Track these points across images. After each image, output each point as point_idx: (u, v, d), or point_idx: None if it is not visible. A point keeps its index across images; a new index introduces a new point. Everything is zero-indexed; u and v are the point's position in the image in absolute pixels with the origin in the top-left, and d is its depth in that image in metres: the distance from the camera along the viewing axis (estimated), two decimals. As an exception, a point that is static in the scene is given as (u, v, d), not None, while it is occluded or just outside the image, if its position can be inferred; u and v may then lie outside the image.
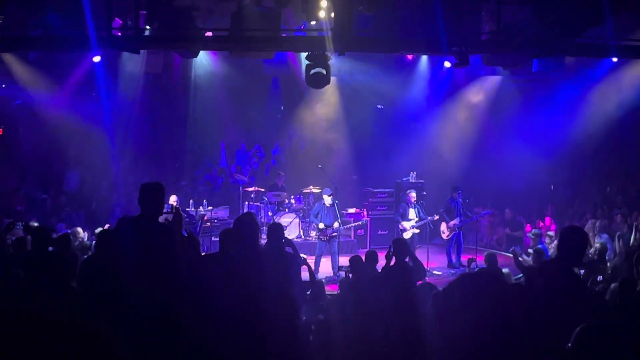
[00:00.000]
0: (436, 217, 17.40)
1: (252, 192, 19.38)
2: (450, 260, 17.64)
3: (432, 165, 21.49)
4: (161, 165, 21.26)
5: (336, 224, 16.15)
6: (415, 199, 17.42)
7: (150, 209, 6.45)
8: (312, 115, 22.60)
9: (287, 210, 19.08)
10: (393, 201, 20.34)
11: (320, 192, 19.19)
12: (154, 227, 6.43)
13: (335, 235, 16.15)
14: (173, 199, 16.07)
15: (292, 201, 19.49)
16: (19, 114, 19.43)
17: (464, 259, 16.79)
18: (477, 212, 18.13)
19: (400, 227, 17.21)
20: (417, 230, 17.24)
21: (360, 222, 17.66)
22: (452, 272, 16.35)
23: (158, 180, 6.69)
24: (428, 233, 17.44)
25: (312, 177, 20.27)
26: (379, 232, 19.55)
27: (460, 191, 17.68)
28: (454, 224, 17.42)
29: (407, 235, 16.92)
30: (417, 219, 17.18)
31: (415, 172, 20.50)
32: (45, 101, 19.10)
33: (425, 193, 19.87)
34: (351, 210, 19.99)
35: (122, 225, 6.65)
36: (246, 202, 19.41)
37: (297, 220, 18.80)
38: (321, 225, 16.11)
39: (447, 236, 17.57)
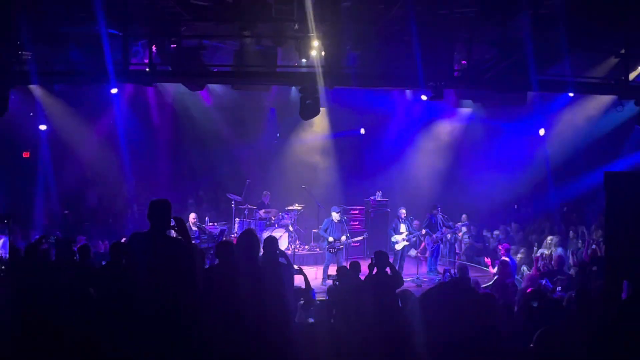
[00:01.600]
0: (423, 232, 17.82)
1: (245, 209, 19.35)
2: (430, 268, 17.99)
3: (410, 186, 21.63)
4: (170, 184, 21.24)
5: (344, 238, 16.57)
6: (405, 214, 17.72)
7: (159, 223, 6.42)
8: (303, 140, 22.73)
9: (276, 225, 19.10)
10: (364, 217, 20.49)
11: (301, 209, 19.75)
12: (162, 240, 6.42)
13: (342, 248, 16.53)
14: (192, 217, 16.64)
15: (284, 216, 19.56)
16: (44, 139, 19.41)
17: (439, 269, 17.37)
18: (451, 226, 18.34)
19: (392, 239, 17.41)
20: (408, 242, 17.52)
21: (363, 237, 17.95)
22: (438, 278, 16.28)
23: (166, 198, 6.65)
24: (418, 244, 18.20)
25: (296, 195, 20.52)
26: (352, 245, 19.58)
27: (439, 208, 18.05)
28: (437, 237, 17.79)
29: (399, 246, 17.31)
30: (407, 232, 17.43)
31: (380, 192, 20.90)
32: (68, 128, 19.13)
33: (389, 210, 20.10)
34: None
35: (134, 240, 6.64)
36: (237, 219, 19.36)
37: (286, 234, 18.84)
38: (330, 239, 16.47)
39: (432, 247, 17.91)
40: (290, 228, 19.31)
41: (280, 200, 20.72)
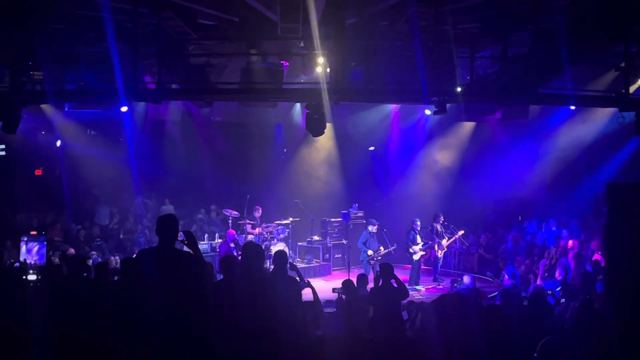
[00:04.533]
0: (441, 241, 18.35)
1: (244, 224, 19.31)
2: (435, 276, 18.43)
3: (416, 198, 21.63)
4: (180, 200, 21.30)
5: (382, 249, 17.25)
6: (420, 226, 18.07)
7: (166, 237, 6.49)
8: (309, 156, 22.87)
9: (275, 240, 19.14)
10: (343, 228, 20.81)
11: (289, 222, 19.92)
12: (170, 254, 6.47)
13: (379, 259, 16.78)
14: (231, 233, 17.27)
15: (287, 230, 19.63)
16: (57, 156, 19.50)
17: (447, 279, 17.81)
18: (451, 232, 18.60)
19: (411, 250, 17.76)
20: (424, 252, 18.05)
21: (394, 247, 17.95)
22: (456, 285, 16.26)
23: (177, 213, 6.73)
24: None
25: (290, 208, 20.98)
26: (336, 256, 20.15)
27: (441, 217, 18.58)
28: (445, 245, 18.38)
29: (416, 257, 17.78)
30: (422, 243, 17.85)
31: (357, 204, 21.31)
32: (79, 145, 19.23)
33: (364, 222, 20.31)
34: (317, 238, 20.54)
35: (142, 257, 6.75)
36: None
37: (286, 248, 18.88)
38: (370, 252, 17.09)
39: (440, 255, 18.41)
40: (287, 249, 19.34)
41: (278, 213, 20.83)
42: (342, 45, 11.75)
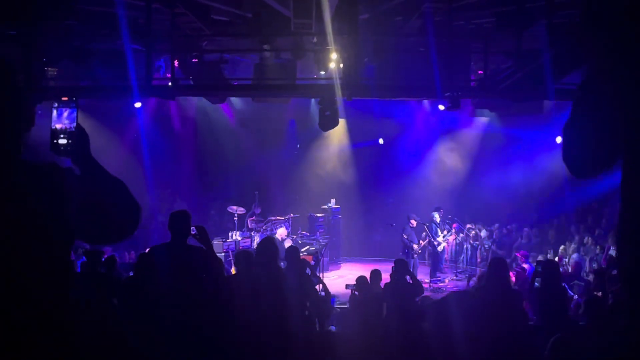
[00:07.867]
0: (445, 232, 18.65)
1: (252, 221, 19.25)
2: (440, 266, 18.81)
3: (428, 193, 21.59)
4: (193, 196, 21.32)
5: (421, 242, 17.66)
6: (439, 219, 18.47)
7: (179, 233, 6.51)
8: (323, 151, 22.93)
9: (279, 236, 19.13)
10: (326, 224, 20.87)
11: (285, 219, 19.62)
12: (182, 250, 6.49)
13: (420, 253, 17.54)
14: (284, 233, 17.39)
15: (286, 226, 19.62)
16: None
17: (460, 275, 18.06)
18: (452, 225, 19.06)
19: (434, 242, 18.00)
20: (446, 243, 18.51)
21: (428, 240, 18.11)
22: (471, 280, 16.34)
23: (189, 209, 6.74)
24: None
25: (292, 205, 21.24)
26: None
27: (442, 210, 18.77)
28: (445, 237, 18.54)
29: (440, 248, 18.19)
30: (442, 235, 18.30)
31: (334, 199, 21.24)
32: (92, 141, 19.24)
33: (340, 216, 20.36)
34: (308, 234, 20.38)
35: (153, 253, 6.77)
36: (230, 232, 19.21)
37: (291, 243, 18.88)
38: (415, 246, 17.22)
39: (441, 247, 18.44)
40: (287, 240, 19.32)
41: (282, 209, 20.86)
42: (355, 41, 11.75)
